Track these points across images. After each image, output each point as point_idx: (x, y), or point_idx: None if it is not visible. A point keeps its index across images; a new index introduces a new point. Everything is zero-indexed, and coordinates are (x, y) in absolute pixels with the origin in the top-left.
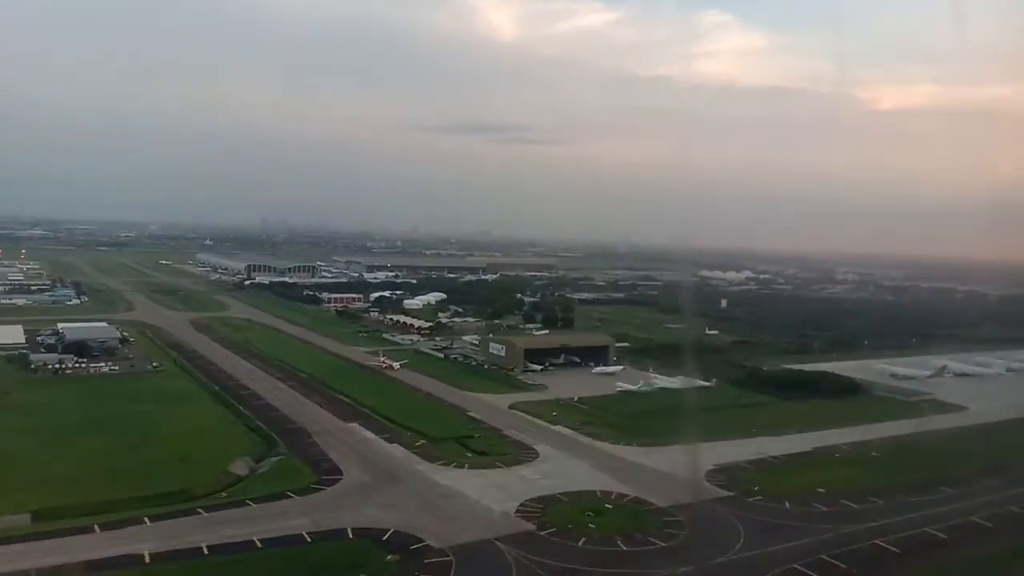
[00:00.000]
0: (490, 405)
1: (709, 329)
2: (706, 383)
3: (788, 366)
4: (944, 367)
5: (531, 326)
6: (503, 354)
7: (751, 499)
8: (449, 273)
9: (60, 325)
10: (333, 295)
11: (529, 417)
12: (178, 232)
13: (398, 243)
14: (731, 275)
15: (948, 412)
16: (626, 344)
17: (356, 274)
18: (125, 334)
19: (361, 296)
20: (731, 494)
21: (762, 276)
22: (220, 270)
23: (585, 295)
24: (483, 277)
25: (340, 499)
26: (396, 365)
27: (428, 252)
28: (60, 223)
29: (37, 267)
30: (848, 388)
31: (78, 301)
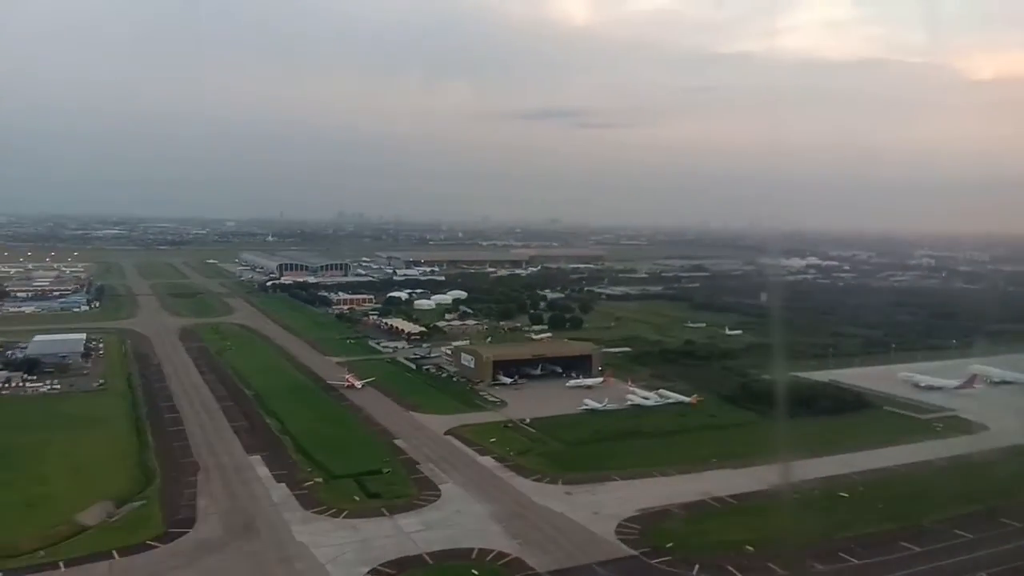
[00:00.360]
0: (427, 429)
1: (731, 329)
2: (685, 399)
3: (801, 374)
4: (974, 376)
5: (537, 328)
6: (472, 366)
7: (655, 561)
8: (490, 267)
9: (37, 337)
10: (343, 296)
11: (460, 445)
12: (252, 228)
13: (460, 234)
14: (794, 262)
15: (960, 434)
16: (626, 350)
17: (391, 270)
18: (99, 345)
19: (372, 297)
20: (634, 553)
21: (827, 263)
22: (257, 269)
23: (619, 289)
24: (515, 272)
25: (162, 563)
26: (358, 384)
27: (485, 243)
28: (147, 221)
29: (80, 270)
30: (852, 403)
31: (87, 308)
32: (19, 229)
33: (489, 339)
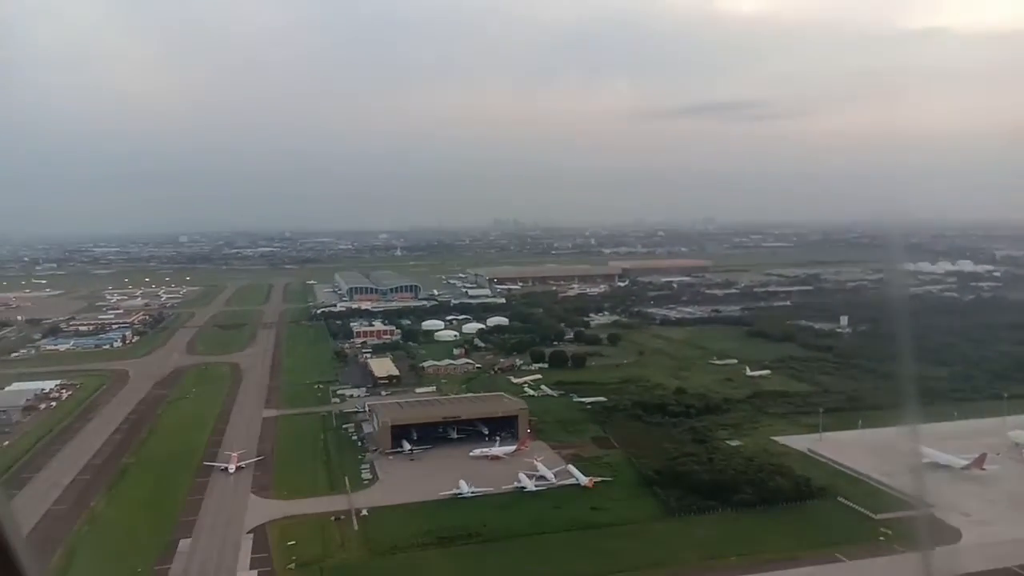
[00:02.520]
0: (239, 524)
1: (756, 370)
2: (583, 480)
3: (782, 438)
4: (983, 455)
5: (536, 366)
6: (375, 430)
7: None
8: (575, 284)
9: (14, 385)
10: (362, 328)
11: (247, 550)
12: (408, 239)
13: (592, 240)
14: (922, 266)
15: (903, 550)
16: (601, 400)
17: (464, 291)
18: (62, 395)
19: (393, 328)
20: None
21: (978, 268)
22: (339, 292)
23: (686, 311)
24: (588, 290)
25: None
26: (232, 467)
27: (607, 251)
28: (317, 235)
29: (166, 298)
30: (794, 490)
31: (120, 344)
32: (180, 249)
33: (465, 384)
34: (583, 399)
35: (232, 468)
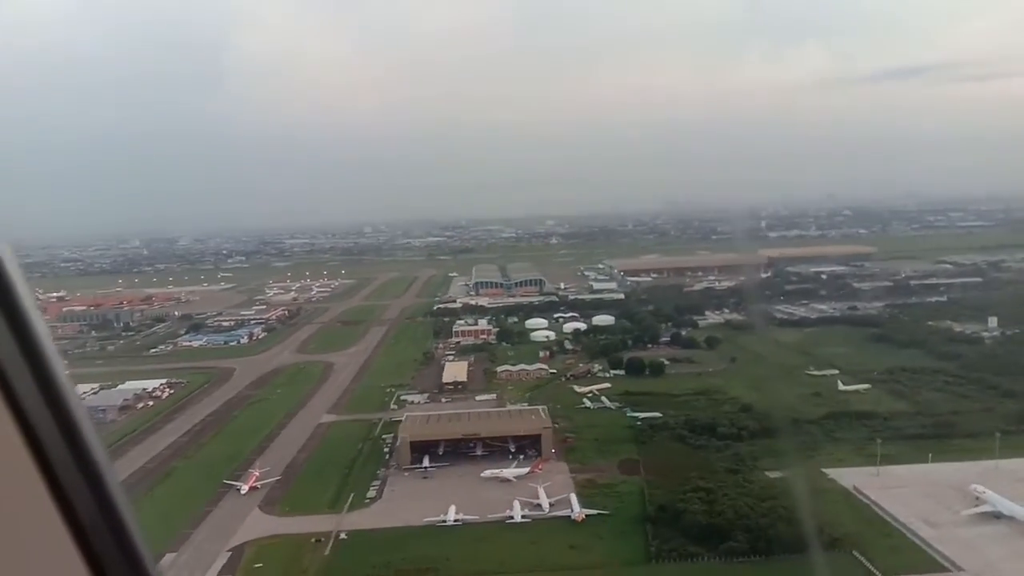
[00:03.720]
0: (224, 543)
1: (853, 383)
2: (575, 512)
3: (833, 470)
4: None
5: (614, 372)
6: (400, 444)
7: None
8: (719, 272)
9: (127, 383)
10: (462, 327)
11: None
12: (568, 228)
13: (763, 223)
14: None
15: None
16: (655, 415)
17: (599, 283)
18: (163, 393)
19: (490, 328)
20: None
21: None
22: (471, 284)
23: (815, 308)
24: (717, 282)
25: None
26: (246, 487)
27: (773, 235)
28: (486, 223)
29: (328, 289)
30: (796, 541)
31: (246, 341)
32: (359, 240)
33: (529, 392)
34: (637, 414)
35: (245, 489)
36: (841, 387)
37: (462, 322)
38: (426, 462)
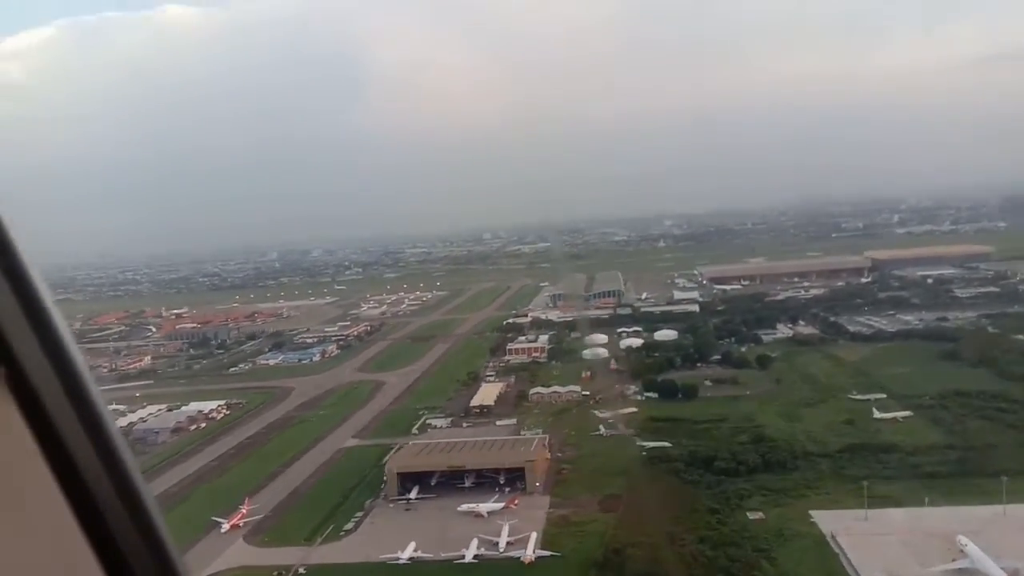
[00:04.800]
0: (197, 573)
1: (893, 410)
2: (524, 554)
3: (821, 512)
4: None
5: (647, 395)
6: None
7: None
8: (816, 278)
9: (191, 404)
10: (518, 345)
11: None
12: (686, 227)
13: (895, 217)
14: None
15: None
16: (665, 445)
17: (680, 292)
18: (216, 414)
19: (542, 345)
20: None
21: None
22: (554, 296)
23: (900, 319)
24: (811, 291)
25: None
26: (227, 526)
27: (901, 231)
28: (603, 224)
29: (419, 302)
30: None
31: (317, 359)
32: (473, 248)
33: (551, 417)
34: (645, 443)
35: (226, 527)
36: (877, 414)
37: (523, 339)
38: (413, 494)
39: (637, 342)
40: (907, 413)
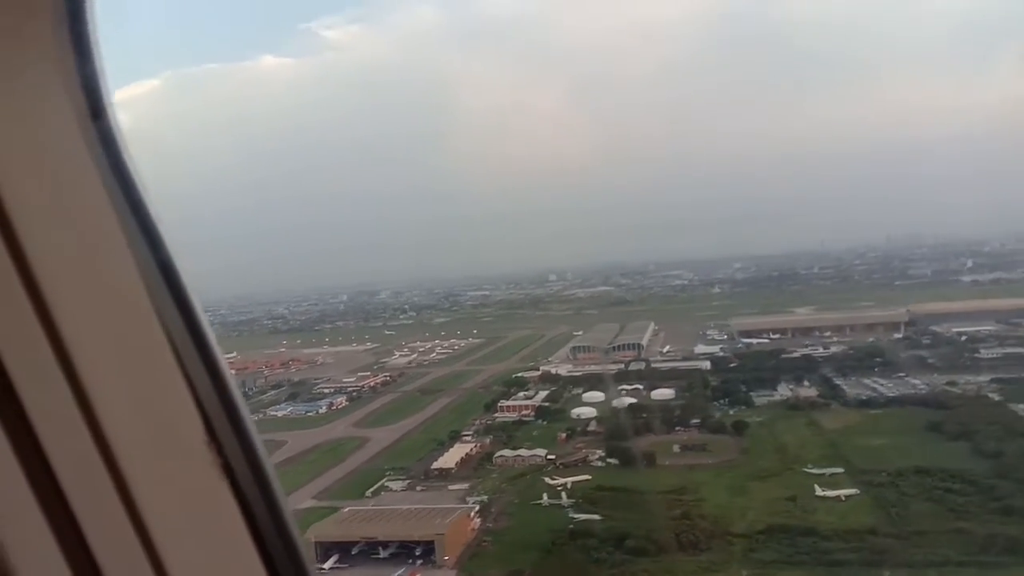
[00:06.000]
0: None
1: (840, 488)
2: None
3: None
4: None
5: (609, 461)
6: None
7: None
8: (850, 332)
9: None
10: (513, 401)
11: None
12: (754, 271)
13: (969, 262)
14: None
15: None
16: (593, 518)
17: (703, 347)
18: None
19: (533, 404)
20: None
21: None
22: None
23: (910, 382)
24: (831, 347)
25: None
26: None
27: (966, 279)
28: (672, 267)
29: (450, 350)
30: None
31: (324, 411)
32: (541, 290)
33: (507, 483)
34: (577, 515)
35: None
36: (819, 492)
37: (522, 394)
38: (329, 563)
39: (631, 401)
40: (853, 491)
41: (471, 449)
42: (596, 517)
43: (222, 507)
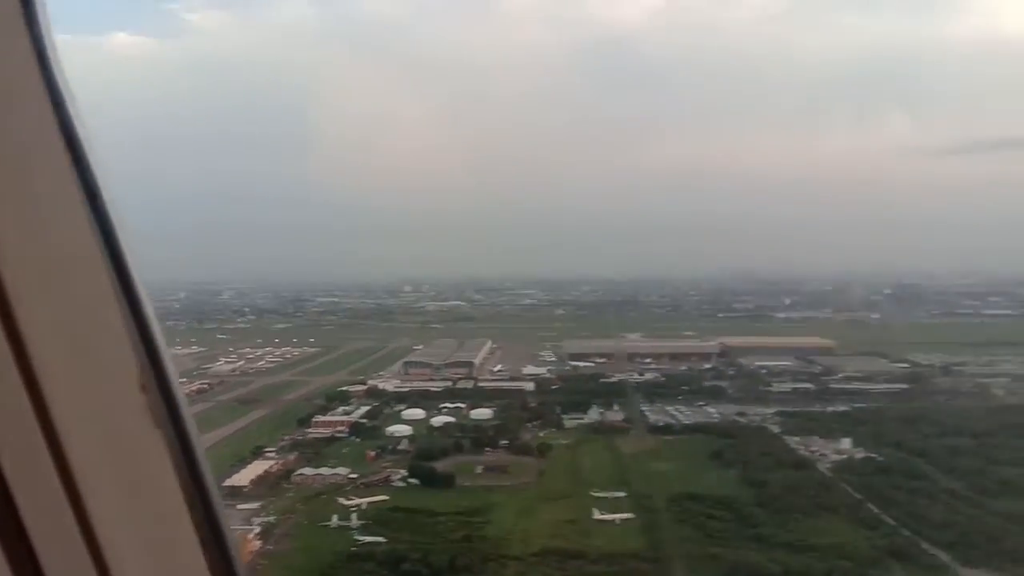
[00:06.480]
0: None
1: (617, 512)
2: None
3: None
4: None
5: (410, 481)
6: None
7: None
8: (668, 360)
9: None
10: (334, 415)
11: None
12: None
13: (786, 300)
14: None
15: None
16: (378, 540)
17: (532, 368)
18: None
19: (346, 419)
20: None
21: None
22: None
23: (707, 410)
24: (647, 374)
25: None
26: None
27: (781, 315)
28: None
29: (281, 359)
30: None
31: None
32: (384, 302)
33: (301, 503)
34: (363, 537)
35: None
36: (597, 515)
37: (341, 409)
38: None
39: (447, 420)
40: (628, 515)
41: (271, 466)
42: (381, 540)
43: (151, 452)
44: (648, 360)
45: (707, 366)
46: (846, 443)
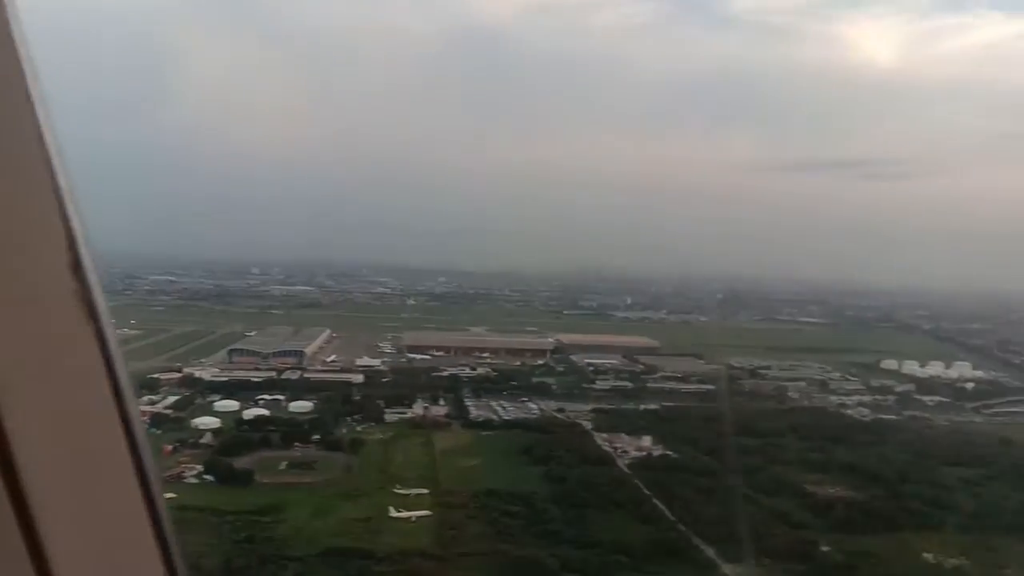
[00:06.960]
0: None
1: (415, 509)
2: None
3: None
4: None
5: (206, 478)
6: None
7: None
8: (505, 355)
9: None
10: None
11: None
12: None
13: (628, 299)
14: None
15: None
16: None
17: (367, 360)
18: None
19: (157, 408)
20: None
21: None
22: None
23: (530, 407)
24: (479, 369)
25: None
26: None
27: (621, 314)
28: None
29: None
30: None
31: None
32: (227, 283)
33: None
34: None
35: None
36: (393, 513)
37: (148, 398)
38: None
39: (261, 413)
40: (425, 513)
41: None
42: None
43: (85, 352)
44: (485, 355)
45: (540, 362)
46: (647, 440)
